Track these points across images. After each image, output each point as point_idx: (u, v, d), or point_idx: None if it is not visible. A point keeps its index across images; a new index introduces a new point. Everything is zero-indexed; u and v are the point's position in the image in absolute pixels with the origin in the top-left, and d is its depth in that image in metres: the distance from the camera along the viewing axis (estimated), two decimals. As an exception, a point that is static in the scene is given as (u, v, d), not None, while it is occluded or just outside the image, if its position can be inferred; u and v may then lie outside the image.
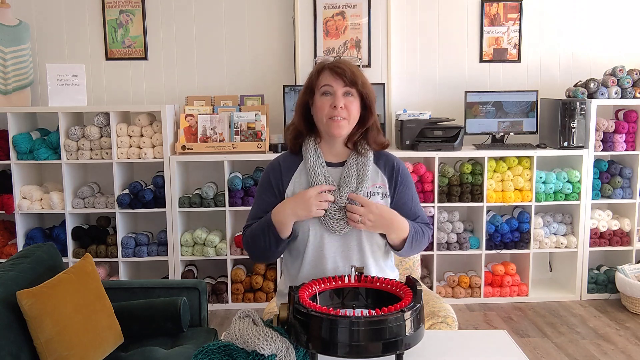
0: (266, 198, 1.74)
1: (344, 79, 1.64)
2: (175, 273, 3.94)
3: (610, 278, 4.10)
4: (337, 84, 1.65)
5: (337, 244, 1.69)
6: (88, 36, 4.16)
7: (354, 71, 1.65)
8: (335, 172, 1.72)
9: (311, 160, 1.70)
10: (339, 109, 1.64)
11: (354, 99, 1.68)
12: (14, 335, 1.97)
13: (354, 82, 1.65)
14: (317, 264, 1.71)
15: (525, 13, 4.24)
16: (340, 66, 1.65)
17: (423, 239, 1.76)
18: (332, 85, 1.65)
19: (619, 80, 4.00)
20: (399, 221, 1.67)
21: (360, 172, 1.69)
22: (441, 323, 2.39)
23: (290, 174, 1.74)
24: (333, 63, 1.67)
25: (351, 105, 1.67)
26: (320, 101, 1.68)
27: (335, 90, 1.65)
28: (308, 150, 1.72)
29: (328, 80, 1.65)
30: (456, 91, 4.22)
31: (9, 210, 3.84)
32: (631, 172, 4.08)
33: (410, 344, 1.34)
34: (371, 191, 1.71)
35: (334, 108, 1.65)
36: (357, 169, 1.70)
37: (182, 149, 3.84)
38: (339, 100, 1.64)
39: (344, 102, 1.65)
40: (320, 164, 1.70)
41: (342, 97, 1.65)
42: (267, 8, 4.17)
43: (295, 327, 1.36)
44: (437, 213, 3.99)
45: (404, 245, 1.69)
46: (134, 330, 2.47)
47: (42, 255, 2.37)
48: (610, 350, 3.32)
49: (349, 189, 1.67)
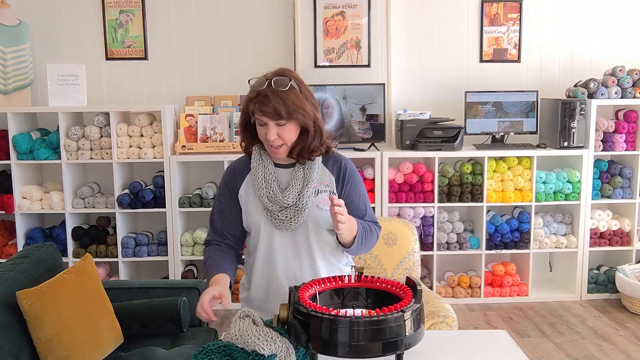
0: (222, 199, 1.87)
1: (270, 117, 1.68)
2: (175, 273, 3.94)
3: (610, 278, 4.10)
4: (267, 119, 1.70)
5: (287, 240, 1.80)
6: (88, 36, 4.16)
7: (277, 107, 1.66)
8: (285, 172, 1.82)
9: (254, 165, 1.81)
10: (273, 139, 1.71)
11: (288, 124, 1.72)
12: (14, 335, 1.97)
13: (279, 116, 1.68)
14: (269, 259, 1.81)
15: (525, 13, 4.24)
16: (263, 107, 1.67)
17: (372, 237, 1.82)
18: (262, 119, 1.71)
19: (619, 80, 4.00)
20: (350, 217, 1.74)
21: (307, 173, 1.79)
22: (441, 323, 2.39)
23: (244, 176, 1.85)
24: (258, 98, 1.68)
25: (284, 132, 1.72)
26: (257, 127, 1.75)
27: (267, 123, 1.71)
28: (254, 157, 1.83)
29: (258, 115, 1.71)
30: (456, 91, 4.22)
31: (9, 210, 3.84)
32: (631, 172, 4.08)
33: (410, 344, 1.34)
34: (319, 189, 1.80)
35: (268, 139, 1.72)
36: (304, 172, 1.80)
37: (182, 149, 3.84)
38: (270, 133, 1.70)
39: (277, 131, 1.71)
40: (264, 167, 1.80)
41: (274, 127, 1.70)
42: (267, 8, 4.17)
43: (295, 327, 1.36)
44: (437, 213, 3.99)
45: (354, 243, 1.75)
46: (134, 330, 2.47)
47: (42, 255, 2.37)
48: (610, 350, 3.32)
49: (295, 190, 1.76)
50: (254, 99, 1.69)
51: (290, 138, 1.73)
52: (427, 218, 4.00)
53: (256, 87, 1.71)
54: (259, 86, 1.70)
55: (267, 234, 1.79)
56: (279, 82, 1.68)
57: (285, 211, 1.76)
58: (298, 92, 1.71)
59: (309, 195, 1.76)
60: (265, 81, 1.69)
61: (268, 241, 1.80)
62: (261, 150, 1.83)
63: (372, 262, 2.92)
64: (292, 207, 1.75)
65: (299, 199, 1.75)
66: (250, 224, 1.82)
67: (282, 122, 1.69)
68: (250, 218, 1.81)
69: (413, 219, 3.98)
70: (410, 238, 2.94)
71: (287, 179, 1.80)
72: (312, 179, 1.77)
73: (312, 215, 1.77)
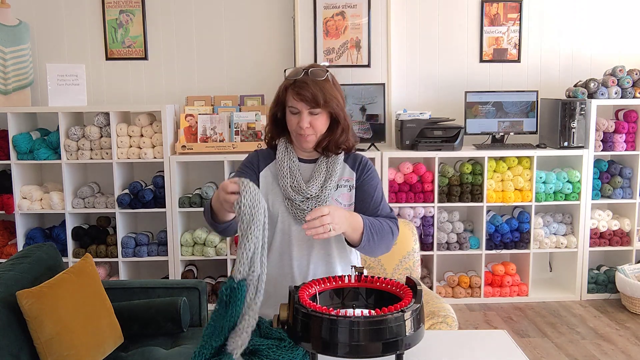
0: (244, 173, 1.86)
1: (306, 103, 1.72)
2: (175, 273, 3.94)
3: (610, 278, 4.10)
4: (301, 106, 1.73)
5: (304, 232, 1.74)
6: (88, 36, 4.16)
7: (316, 93, 1.71)
8: (307, 167, 1.84)
9: (280, 156, 1.83)
10: (305, 128, 1.74)
11: (320, 115, 1.76)
12: (14, 335, 1.97)
13: (316, 104, 1.72)
14: (284, 249, 1.81)
15: (525, 13, 4.24)
16: (302, 92, 1.71)
17: (384, 232, 1.77)
18: (296, 107, 1.74)
19: (619, 80, 4.00)
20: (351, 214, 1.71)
21: (330, 167, 1.81)
22: (441, 323, 2.39)
23: (267, 162, 1.87)
24: (296, 84, 1.73)
25: (316, 122, 1.75)
26: (289, 117, 1.78)
27: (301, 111, 1.74)
28: (280, 148, 1.85)
29: (293, 102, 1.74)
30: (456, 91, 4.22)
31: (9, 210, 3.84)
32: (631, 172, 4.08)
33: (410, 344, 1.34)
34: (339, 184, 1.82)
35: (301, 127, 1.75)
36: (326, 166, 1.81)
37: (182, 149, 3.84)
38: (303, 121, 1.73)
39: (310, 120, 1.74)
40: (289, 159, 1.82)
41: (307, 116, 1.74)
42: (267, 8, 4.17)
43: (295, 327, 1.36)
44: (437, 213, 3.99)
45: (362, 239, 1.71)
46: (134, 330, 2.47)
47: (42, 255, 2.37)
48: (610, 350, 3.32)
49: (319, 181, 1.78)
50: (291, 85, 1.73)
51: (321, 129, 1.77)
52: (427, 218, 4.00)
53: (292, 76, 1.75)
54: (296, 75, 1.74)
55: (283, 225, 1.80)
56: (315, 72, 1.73)
57: (307, 202, 1.76)
58: (332, 84, 1.77)
59: (331, 187, 1.78)
60: (302, 71, 1.74)
61: (285, 231, 1.80)
62: (287, 142, 1.85)
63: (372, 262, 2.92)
64: (315, 198, 1.77)
65: (322, 191, 1.77)
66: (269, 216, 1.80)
67: (316, 110, 1.73)
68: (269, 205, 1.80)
69: (413, 219, 3.98)
70: (410, 238, 2.94)
71: (309, 174, 1.82)
72: (335, 172, 1.80)
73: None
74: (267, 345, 1.44)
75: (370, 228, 1.72)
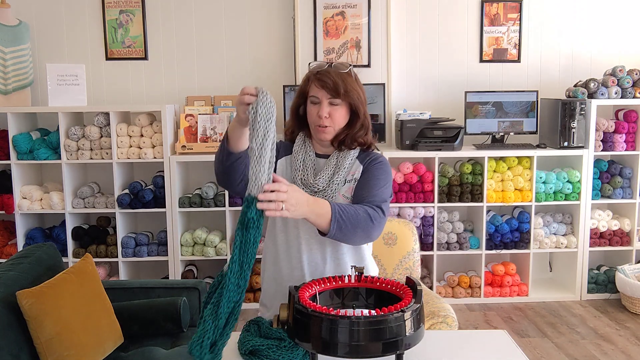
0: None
1: (327, 90, 1.74)
2: (175, 273, 3.94)
3: (610, 278, 4.10)
4: (322, 94, 1.75)
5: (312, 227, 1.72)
6: (88, 36, 4.16)
7: (337, 82, 1.73)
8: (322, 162, 1.85)
9: (296, 149, 1.85)
10: (324, 118, 1.76)
11: (340, 107, 1.77)
12: (14, 335, 1.97)
13: (337, 92, 1.74)
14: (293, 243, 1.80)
15: (525, 13, 4.24)
16: (324, 79, 1.74)
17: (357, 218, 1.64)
18: (317, 95, 1.76)
19: (619, 80, 4.00)
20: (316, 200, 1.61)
21: (340, 161, 1.81)
22: (441, 323, 2.39)
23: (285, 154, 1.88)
24: (319, 73, 1.76)
25: (336, 114, 1.77)
26: (309, 108, 1.80)
27: (321, 100, 1.76)
28: (297, 141, 1.87)
29: (314, 91, 1.77)
30: (456, 91, 4.22)
31: (9, 210, 3.84)
32: (631, 172, 4.08)
33: (410, 344, 1.34)
34: (347, 179, 1.82)
35: (320, 117, 1.76)
36: (337, 159, 1.82)
37: (182, 149, 3.84)
38: (323, 110, 1.75)
39: (329, 110, 1.76)
40: (305, 152, 1.84)
41: (327, 106, 1.76)
42: (267, 8, 4.17)
43: (295, 327, 1.36)
44: (437, 213, 3.99)
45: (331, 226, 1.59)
46: (134, 330, 2.47)
47: (42, 255, 2.37)
48: (610, 350, 3.32)
49: (327, 175, 1.79)
50: (314, 75, 1.77)
51: (340, 122, 1.79)
52: (427, 218, 4.00)
53: (316, 68, 1.79)
54: (319, 67, 1.78)
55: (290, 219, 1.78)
56: (339, 65, 1.76)
57: (315, 196, 1.75)
58: (354, 79, 1.80)
59: (338, 182, 1.78)
60: (325, 64, 1.78)
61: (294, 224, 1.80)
62: (306, 137, 1.87)
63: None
64: (322, 192, 1.77)
65: (329, 185, 1.77)
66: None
67: (336, 100, 1.75)
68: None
69: (413, 219, 3.98)
70: (410, 238, 2.94)
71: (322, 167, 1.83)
72: (344, 167, 1.80)
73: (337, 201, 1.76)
74: (267, 345, 1.44)
75: (341, 215, 1.60)
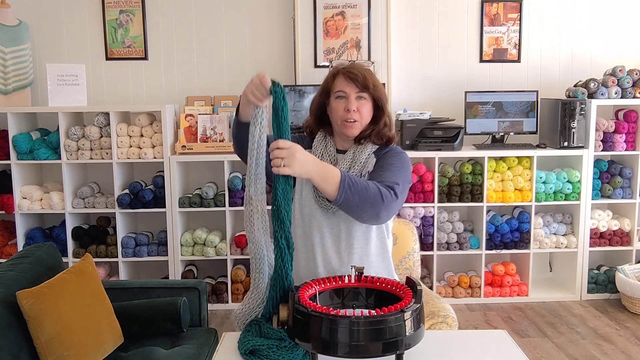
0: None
1: (356, 84, 1.75)
2: (175, 273, 3.94)
3: (610, 278, 4.10)
4: (350, 89, 1.75)
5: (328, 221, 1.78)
6: (88, 36, 4.16)
7: (366, 76, 1.75)
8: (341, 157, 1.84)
9: (316, 144, 1.85)
10: (352, 112, 1.75)
11: (366, 101, 1.78)
12: (14, 335, 1.97)
13: (366, 86, 1.75)
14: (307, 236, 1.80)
15: (525, 13, 4.24)
16: (353, 71, 1.75)
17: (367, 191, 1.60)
18: (345, 90, 1.76)
19: (619, 80, 4.00)
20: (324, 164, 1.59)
21: (356, 156, 1.80)
22: (441, 323, 2.39)
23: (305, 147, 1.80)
24: (346, 68, 1.78)
25: (363, 108, 1.77)
26: (335, 103, 1.79)
27: (349, 94, 1.76)
28: (318, 137, 1.87)
29: (342, 86, 1.76)
30: (456, 91, 4.22)
31: (9, 210, 3.84)
32: (631, 172, 4.08)
33: (410, 344, 1.34)
34: (362, 173, 1.80)
35: (347, 111, 1.76)
36: (353, 154, 1.81)
37: (182, 149, 3.84)
38: (351, 104, 1.75)
39: (357, 105, 1.76)
40: (325, 147, 1.84)
41: (355, 100, 1.76)
42: (267, 8, 4.17)
43: (295, 327, 1.36)
44: (437, 213, 3.99)
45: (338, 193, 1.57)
46: (134, 330, 2.47)
47: (42, 255, 2.37)
48: (610, 350, 3.32)
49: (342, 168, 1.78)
50: (340, 70, 1.78)
51: (367, 117, 1.79)
52: (427, 218, 4.00)
53: (341, 65, 1.80)
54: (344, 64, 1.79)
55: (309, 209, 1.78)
56: (362, 62, 1.82)
57: None
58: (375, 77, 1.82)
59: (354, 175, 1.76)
60: (347, 62, 1.82)
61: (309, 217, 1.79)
62: (327, 134, 1.87)
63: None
64: None
65: None
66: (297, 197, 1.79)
67: (364, 94, 1.76)
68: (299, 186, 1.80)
69: (413, 219, 3.98)
70: (410, 238, 2.94)
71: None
72: (360, 161, 1.79)
73: None
74: (267, 345, 1.44)
75: (350, 184, 1.58)
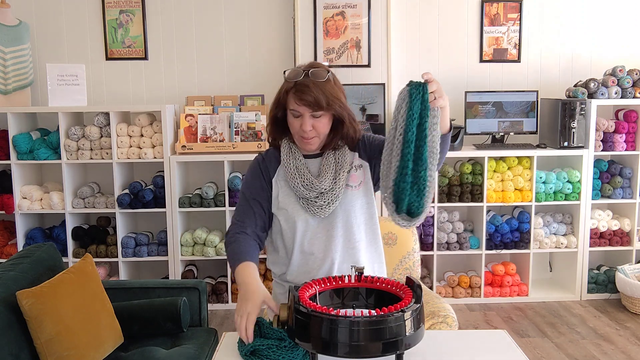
0: (255, 182, 1.83)
1: (308, 106, 1.68)
2: (175, 273, 3.94)
3: (610, 278, 4.10)
4: (303, 109, 1.69)
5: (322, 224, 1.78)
6: (88, 36, 4.16)
7: (318, 96, 1.66)
8: (314, 162, 1.81)
9: (284, 158, 1.80)
10: (308, 131, 1.71)
11: (323, 116, 1.72)
12: (14, 335, 1.97)
13: (319, 107, 1.68)
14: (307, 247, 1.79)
15: (525, 13, 4.24)
16: (303, 96, 1.66)
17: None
18: (298, 110, 1.70)
19: (619, 80, 4.00)
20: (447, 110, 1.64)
21: (339, 158, 1.79)
22: (441, 323, 2.39)
23: (275, 167, 1.84)
24: (297, 87, 1.67)
25: (319, 124, 1.72)
26: (290, 119, 1.74)
27: (303, 113, 1.70)
28: (283, 149, 1.82)
29: (294, 106, 1.70)
30: (456, 91, 4.22)
31: (9, 210, 3.84)
32: (631, 172, 4.08)
33: (410, 344, 1.34)
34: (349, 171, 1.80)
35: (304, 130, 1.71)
36: (335, 159, 1.80)
37: (182, 149, 3.84)
38: (306, 124, 1.70)
39: (312, 122, 1.71)
40: (294, 158, 1.80)
41: (310, 119, 1.70)
42: (267, 8, 4.17)
43: (295, 327, 1.36)
44: (437, 213, 3.99)
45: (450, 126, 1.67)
46: (134, 330, 2.47)
47: (42, 255, 2.37)
48: (610, 350, 3.32)
49: (330, 175, 1.76)
50: (292, 88, 1.69)
51: (324, 130, 1.74)
52: (427, 218, 4.00)
53: (293, 78, 1.70)
54: (296, 77, 1.69)
55: (303, 224, 1.78)
56: (316, 73, 1.68)
57: (321, 197, 1.75)
58: (333, 83, 1.73)
59: (342, 179, 1.76)
60: (302, 72, 1.69)
61: (306, 230, 1.78)
62: (290, 142, 1.82)
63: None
64: (330, 191, 1.75)
65: (335, 183, 1.75)
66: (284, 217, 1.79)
67: (318, 113, 1.69)
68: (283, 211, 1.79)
69: (413, 219, 3.98)
70: (411, 238, 2.94)
71: (317, 168, 1.80)
72: (345, 163, 1.78)
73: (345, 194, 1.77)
74: (267, 345, 1.44)
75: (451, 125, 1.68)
